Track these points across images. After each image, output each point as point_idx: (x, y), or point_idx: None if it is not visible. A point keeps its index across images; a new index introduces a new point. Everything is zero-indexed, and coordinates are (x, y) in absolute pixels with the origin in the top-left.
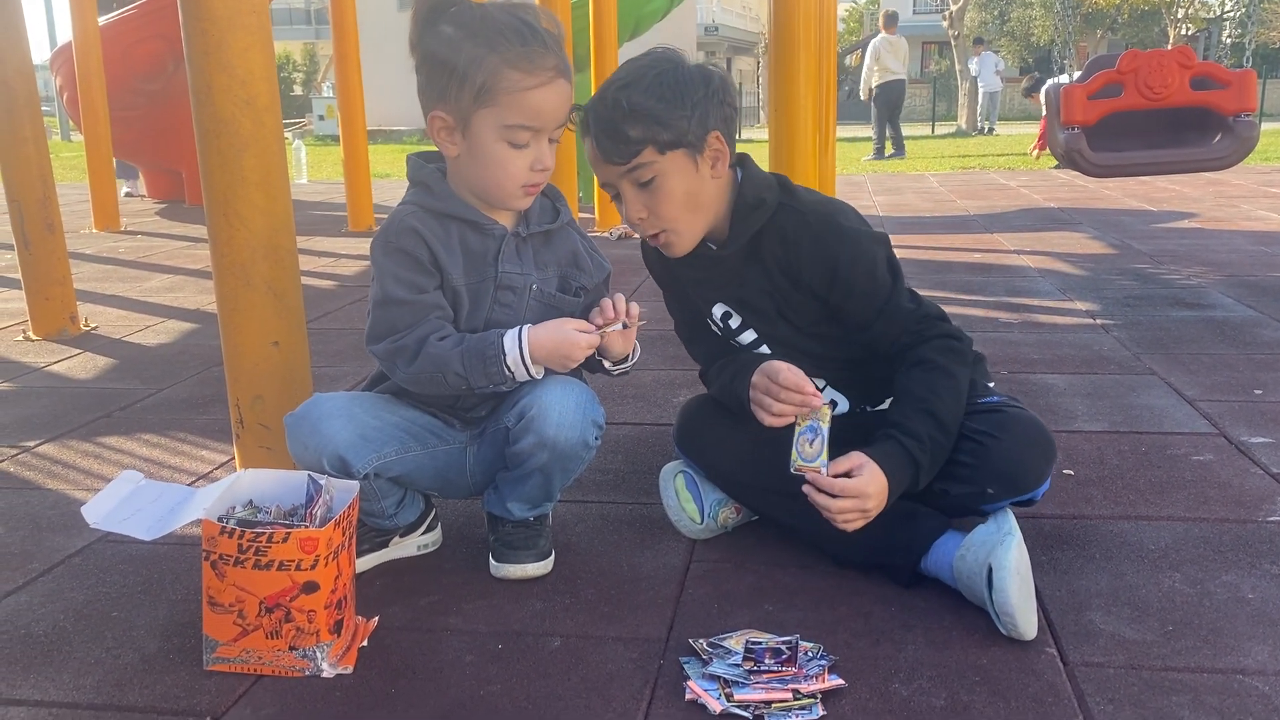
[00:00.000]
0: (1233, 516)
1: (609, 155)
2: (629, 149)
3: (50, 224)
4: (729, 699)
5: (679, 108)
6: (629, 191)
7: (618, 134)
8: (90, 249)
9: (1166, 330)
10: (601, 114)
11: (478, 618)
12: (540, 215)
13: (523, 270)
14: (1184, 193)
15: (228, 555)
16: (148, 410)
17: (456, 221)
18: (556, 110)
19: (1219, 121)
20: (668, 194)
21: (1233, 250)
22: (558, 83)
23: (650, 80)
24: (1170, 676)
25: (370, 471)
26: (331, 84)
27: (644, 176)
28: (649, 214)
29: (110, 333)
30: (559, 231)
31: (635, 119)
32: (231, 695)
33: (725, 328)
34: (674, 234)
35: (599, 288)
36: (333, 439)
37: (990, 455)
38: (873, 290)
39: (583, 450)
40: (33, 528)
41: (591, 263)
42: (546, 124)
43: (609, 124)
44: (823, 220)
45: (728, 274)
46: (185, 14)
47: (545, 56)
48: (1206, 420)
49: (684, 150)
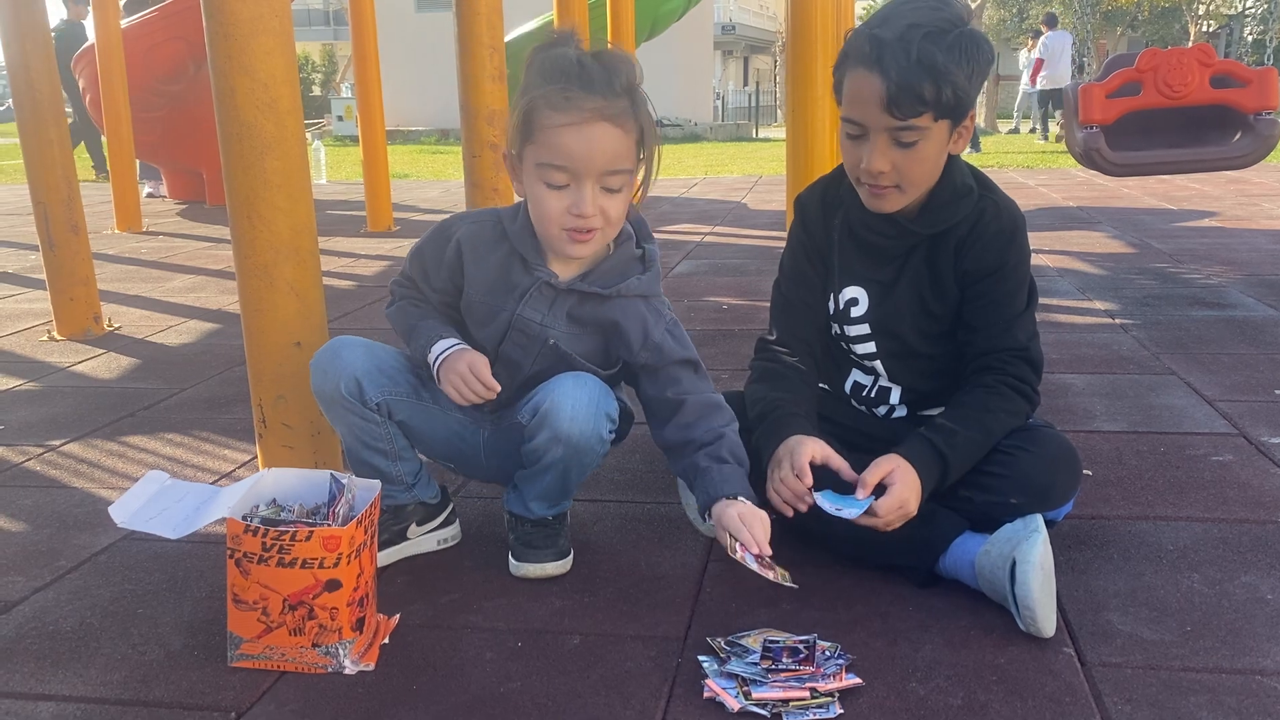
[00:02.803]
0: (1252, 517)
1: (892, 105)
2: (916, 108)
3: (74, 225)
4: (747, 697)
5: (969, 77)
6: (882, 143)
7: (914, 90)
8: (113, 250)
9: (1186, 330)
10: (903, 62)
11: (498, 615)
12: (605, 276)
13: (544, 321)
14: (1204, 191)
15: (252, 553)
16: (171, 410)
17: (512, 248)
18: (590, 154)
19: (1239, 120)
20: (922, 158)
21: (1253, 249)
22: (595, 125)
23: (953, 39)
24: (1188, 677)
25: (382, 401)
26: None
27: (909, 138)
28: (892, 169)
29: (133, 333)
30: (614, 300)
31: (934, 78)
32: (255, 691)
33: (842, 312)
34: (902, 194)
35: (660, 370)
36: (351, 363)
37: (1017, 466)
38: (1011, 303)
39: (597, 444)
40: (59, 526)
41: (643, 343)
42: (579, 166)
43: (909, 76)
44: (1014, 221)
45: (896, 253)
46: (209, 19)
47: (586, 98)
48: (1226, 420)
49: (950, 120)
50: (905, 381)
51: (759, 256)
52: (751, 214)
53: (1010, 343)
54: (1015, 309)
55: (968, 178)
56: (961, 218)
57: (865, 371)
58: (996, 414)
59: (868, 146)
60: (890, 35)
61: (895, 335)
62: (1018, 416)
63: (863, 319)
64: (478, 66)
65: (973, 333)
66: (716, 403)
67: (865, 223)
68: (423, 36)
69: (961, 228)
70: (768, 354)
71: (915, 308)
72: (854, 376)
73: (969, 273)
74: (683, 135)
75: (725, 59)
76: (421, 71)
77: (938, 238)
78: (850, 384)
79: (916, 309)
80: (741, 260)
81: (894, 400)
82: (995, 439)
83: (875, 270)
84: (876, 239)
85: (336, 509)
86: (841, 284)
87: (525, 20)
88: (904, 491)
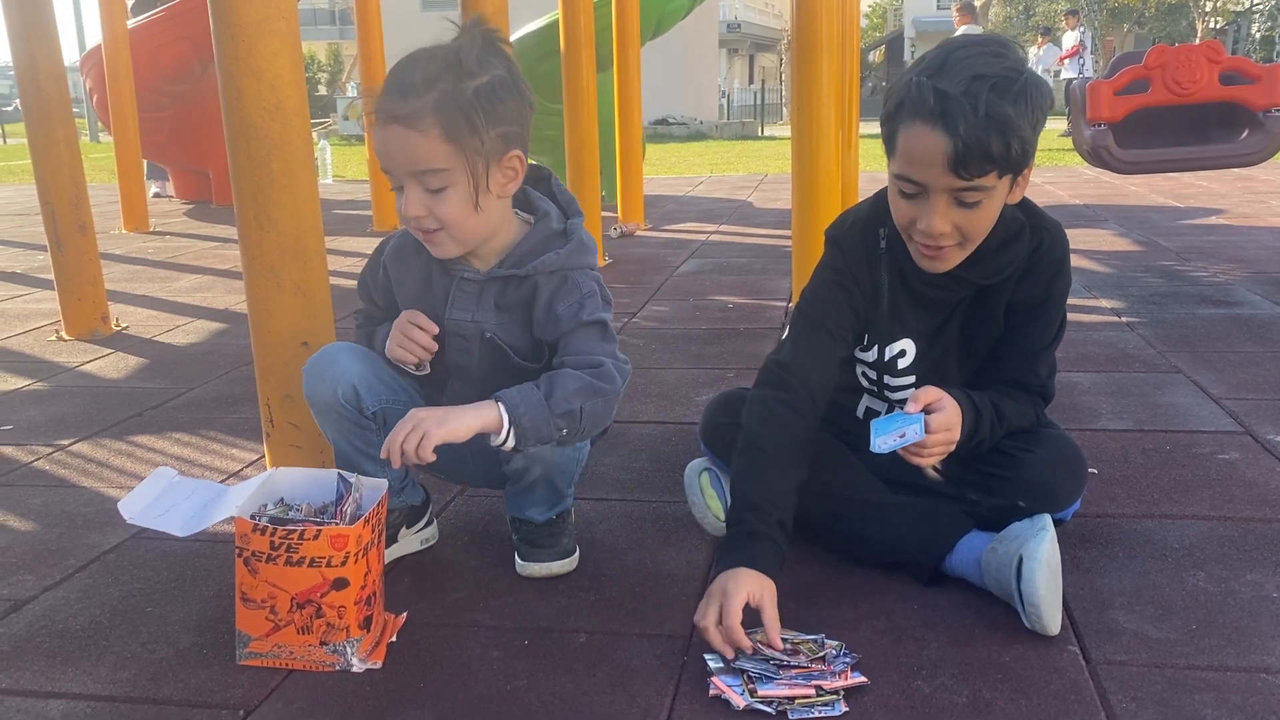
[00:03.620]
0: (1258, 515)
1: (959, 166)
2: (983, 168)
3: (82, 225)
4: (753, 694)
5: (1033, 129)
6: (943, 204)
7: (983, 149)
8: (120, 249)
9: (1193, 328)
10: (971, 120)
11: (504, 614)
12: (523, 257)
13: (474, 317)
14: (1212, 189)
15: (260, 552)
16: (178, 409)
17: (430, 255)
18: (389, 156)
19: (1248, 117)
20: (985, 216)
21: (1261, 247)
22: (386, 128)
23: (1019, 89)
24: (1193, 675)
25: (379, 409)
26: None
27: (972, 199)
28: (952, 229)
29: (141, 332)
30: (530, 278)
31: (1003, 135)
32: (264, 689)
33: (888, 364)
34: (959, 250)
35: (563, 343)
36: (349, 370)
37: (1024, 468)
38: (1042, 336)
39: (572, 453)
40: (68, 525)
41: (546, 317)
42: (389, 167)
43: (977, 135)
44: (1065, 250)
45: (951, 301)
46: (215, 20)
47: (381, 99)
48: (1232, 419)
49: (1011, 175)
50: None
51: (764, 255)
52: (757, 212)
53: (1029, 379)
54: (1044, 341)
55: (1015, 211)
56: (1016, 260)
57: (882, 400)
58: (1008, 403)
59: (926, 206)
60: (955, 89)
61: (937, 371)
62: (1025, 419)
63: (909, 370)
64: None
65: (997, 360)
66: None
67: (916, 272)
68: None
69: (1016, 268)
70: (770, 386)
71: (961, 350)
72: (866, 402)
73: (1015, 304)
74: (688, 133)
75: (730, 57)
76: None
77: (994, 286)
78: (863, 409)
79: (962, 351)
80: (747, 259)
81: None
82: (1009, 424)
83: (926, 321)
84: (932, 291)
85: (344, 508)
86: (892, 337)
87: (531, 20)
88: (952, 415)
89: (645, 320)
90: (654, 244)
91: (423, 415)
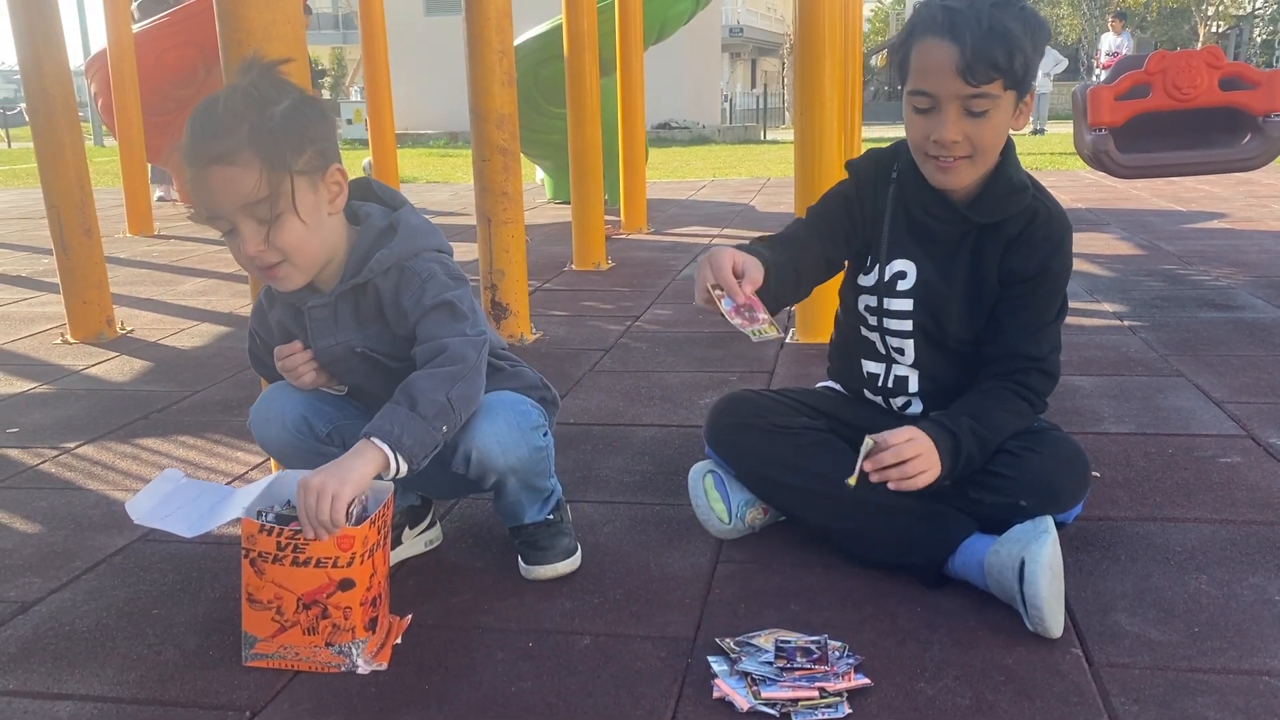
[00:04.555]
0: (1260, 519)
1: (969, 72)
2: (989, 74)
3: (88, 229)
4: (756, 697)
5: (1035, 49)
6: (954, 112)
7: (988, 56)
8: (124, 253)
9: (1195, 331)
10: (976, 29)
11: (509, 616)
12: (356, 264)
13: (338, 339)
14: (1213, 193)
15: (266, 553)
16: (184, 412)
17: (279, 302)
18: (211, 198)
19: (1249, 122)
20: (993, 127)
21: (1263, 251)
22: (203, 172)
23: (1018, 9)
24: (1195, 677)
25: (333, 429)
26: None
27: (980, 106)
28: (964, 139)
29: (146, 336)
30: (369, 282)
31: (1006, 45)
32: (270, 690)
33: (887, 284)
34: (970, 165)
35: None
36: (290, 402)
37: (1026, 468)
38: (1044, 310)
39: (537, 454)
40: (75, 527)
41: (395, 314)
42: (218, 213)
43: (983, 42)
44: (1064, 229)
45: (947, 237)
46: (222, 25)
47: (189, 146)
48: (1234, 422)
49: (1016, 93)
50: (929, 368)
51: None
52: (760, 216)
53: (1031, 350)
54: (1045, 318)
55: (1024, 176)
56: (1015, 214)
57: (878, 358)
58: (996, 411)
59: (939, 118)
60: (961, 5)
61: (937, 316)
62: (1021, 417)
63: (908, 293)
64: (487, 70)
65: (998, 332)
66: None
67: (920, 201)
68: (432, 40)
69: (1013, 225)
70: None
71: (961, 295)
72: (867, 365)
73: (1013, 272)
74: (691, 137)
75: (733, 61)
76: (431, 75)
77: (988, 231)
78: (865, 372)
79: (962, 297)
80: None
81: (912, 389)
82: (1001, 432)
83: (927, 247)
84: (928, 220)
85: (349, 509)
86: (890, 256)
87: (535, 24)
88: (920, 439)
89: (648, 324)
90: (657, 248)
91: (318, 481)
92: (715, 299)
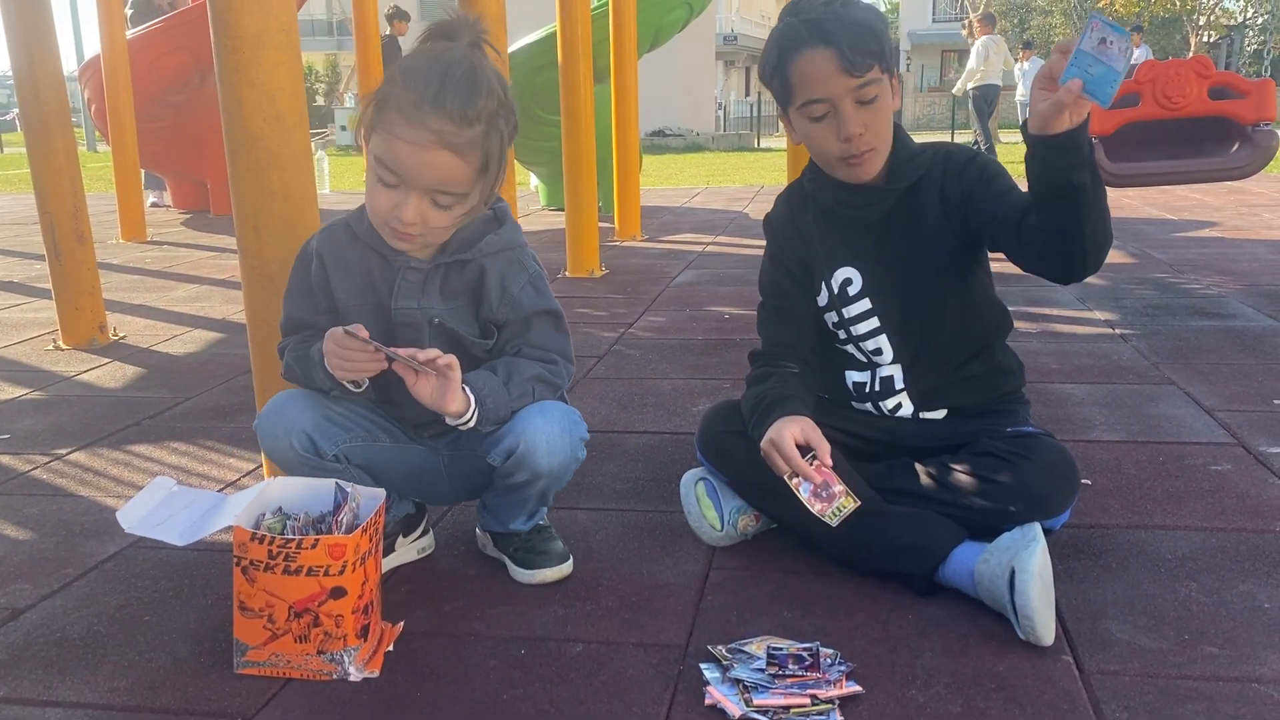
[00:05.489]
0: (1250, 526)
1: (852, 66)
2: (866, 62)
3: (80, 235)
4: (748, 704)
5: (887, 31)
6: (849, 107)
7: (863, 46)
8: (117, 259)
9: (1185, 340)
10: (843, 25)
11: (501, 623)
12: (464, 243)
13: (421, 305)
14: (1204, 201)
15: (258, 561)
16: (176, 419)
17: (367, 246)
18: (421, 173)
19: (1238, 131)
20: (884, 113)
21: (1253, 259)
22: (434, 151)
23: (859, 5)
24: (1185, 685)
25: (339, 452)
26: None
27: (869, 94)
28: (866, 131)
29: (138, 342)
30: (475, 261)
31: (871, 33)
32: (261, 698)
33: (839, 296)
34: (876, 154)
35: (520, 326)
36: (298, 419)
37: (1016, 474)
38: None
39: (573, 465)
40: (66, 534)
41: (500, 297)
42: (408, 178)
43: (854, 34)
44: (971, 150)
45: (878, 220)
46: (216, 32)
47: (434, 118)
48: (1225, 430)
49: (889, 76)
50: (910, 355)
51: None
52: (754, 224)
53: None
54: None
55: (913, 142)
56: (928, 167)
57: (860, 367)
58: None
59: (840, 118)
60: (820, 13)
61: (894, 296)
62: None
63: (860, 295)
64: None
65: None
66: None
67: (839, 200)
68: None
69: (933, 174)
70: (758, 363)
71: (909, 265)
72: (851, 376)
73: (962, 193)
74: (685, 145)
75: (727, 69)
76: None
77: (913, 191)
78: (850, 383)
79: (912, 266)
80: (744, 270)
81: (899, 386)
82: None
83: (861, 241)
84: (854, 211)
85: (341, 517)
86: (832, 268)
87: (529, 32)
88: None
89: (642, 331)
90: (651, 255)
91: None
92: (794, 488)
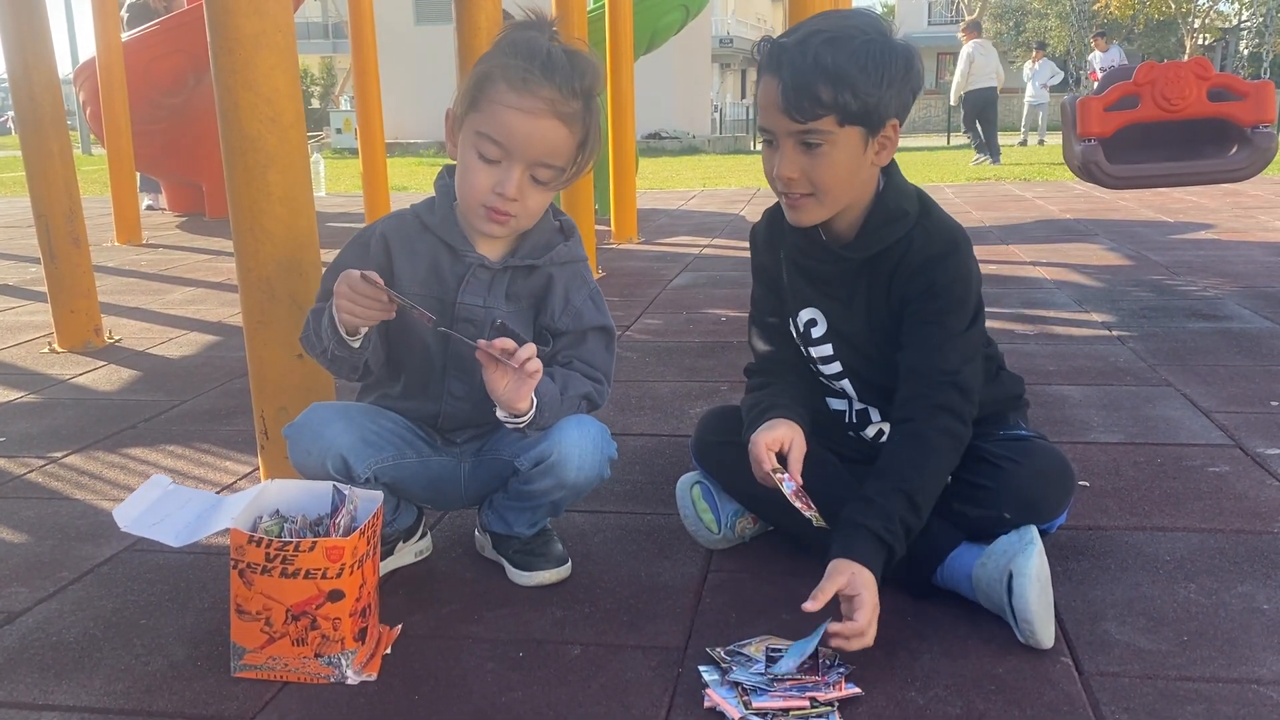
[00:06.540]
0: (1248, 528)
1: (790, 109)
2: (813, 110)
3: (76, 238)
4: (747, 706)
5: (876, 84)
6: (789, 148)
7: (809, 91)
8: (112, 262)
9: (1183, 342)
10: (798, 64)
11: (499, 626)
12: (534, 249)
13: (486, 303)
14: (1201, 204)
15: (255, 564)
16: (172, 422)
17: (437, 239)
18: (530, 141)
19: (1237, 133)
20: (830, 164)
21: (1250, 261)
22: (545, 119)
23: (858, 44)
24: (1185, 686)
25: (370, 475)
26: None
27: (814, 140)
28: (801, 176)
29: (134, 345)
30: (543, 268)
31: (831, 80)
32: (258, 701)
33: (804, 334)
34: (816, 202)
35: (575, 338)
36: (335, 442)
37: (1010, 479)
38: (942, 322)
39: (596, 482)
40: (61, 537)
41: (563, 307)
42: (516, 149)
43: (803, 77)
44: (945, 245)
45: (838, 278)
46: (213, 34)
47: (543, 86)
48: (1222, 432)
49: (862, 128)
50: (877, 400)
51: None
52: (749, 226)
53: (940, 363)
54: (947, 330)
55: (907, 202)
56: (892, 243)
57: (838, 395)
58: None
59: (778, 154)
60: (791, 41)
61: (858, 355)
62: (955, 453)
63: (824, 339)
64: None
65: (905, 348)
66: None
67: (801, 249)
68: (422, 49)
69: (893, 254)
70: (753, 378)
71: (866, 331)
72: (832, 403)
73: (903, 298)
74: (681, 147)
75: (723, 72)
76: (421, 84)
77: (873, 263)
78: (831, 409)
79: (870, 332)
80: (740, 273)
81: (875, 419)
82: (934, 497)
83: (825, 291)
84: (815, 265)
85: (338, 520)
86: (796, 307)
87: None
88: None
89: (639, 333)
90: (647, 257)
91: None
92: (777, 481)
